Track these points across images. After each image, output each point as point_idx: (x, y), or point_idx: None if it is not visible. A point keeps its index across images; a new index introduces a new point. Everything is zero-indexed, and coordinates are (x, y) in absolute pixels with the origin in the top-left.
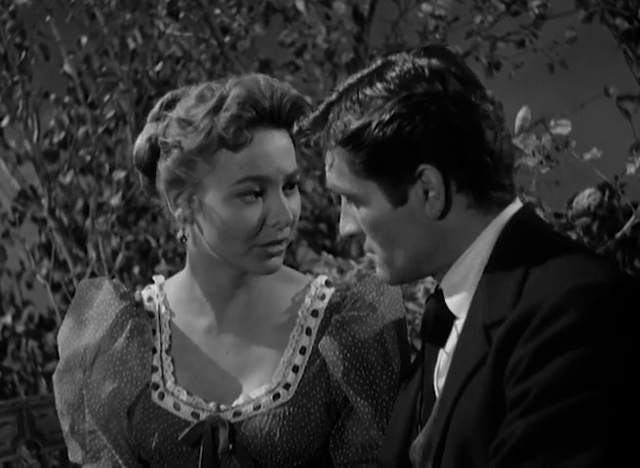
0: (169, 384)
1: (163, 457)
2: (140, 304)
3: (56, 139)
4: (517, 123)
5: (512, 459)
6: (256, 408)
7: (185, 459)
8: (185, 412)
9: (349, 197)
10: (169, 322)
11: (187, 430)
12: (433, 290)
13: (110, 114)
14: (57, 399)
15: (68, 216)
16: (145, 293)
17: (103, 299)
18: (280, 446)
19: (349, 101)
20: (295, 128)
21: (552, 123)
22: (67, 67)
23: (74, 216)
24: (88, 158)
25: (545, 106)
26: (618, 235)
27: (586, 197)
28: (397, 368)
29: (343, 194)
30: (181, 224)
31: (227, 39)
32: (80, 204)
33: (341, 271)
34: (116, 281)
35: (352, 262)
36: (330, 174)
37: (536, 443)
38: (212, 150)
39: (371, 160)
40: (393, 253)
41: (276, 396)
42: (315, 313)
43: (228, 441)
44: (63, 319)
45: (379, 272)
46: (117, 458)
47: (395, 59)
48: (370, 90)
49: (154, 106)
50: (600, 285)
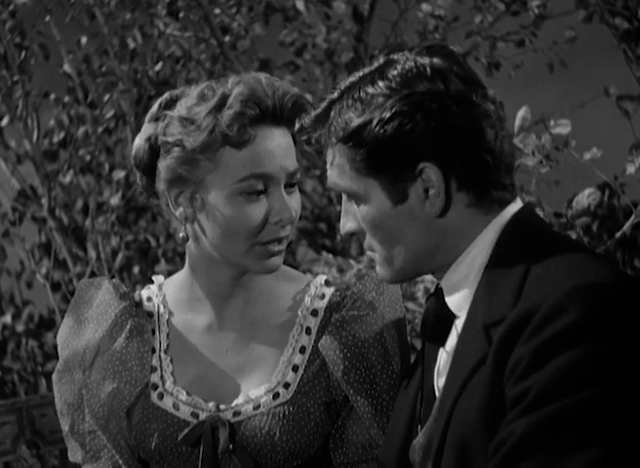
0: (168, 384)
1: (163, 457)
2: (140, 304)
3: (55, 139)
4: (517, 123)
5: (512, 459)
6: (255, 407)
7: (185, 459)
8: (185, 412)
9: (350, 195)
10: (167, 321)
11: (187, 430)
12: (433, 289)
13: (110, 114)
14: (56, 398)
15: (68, 216)
16: (145, 293)
17: (103, 299)
18: (280, 445)
19: (351, 99)
20: (296, 125)
21: (552, 123)
22: (67, 67)
23: (74, 216)
24: (88, 158)
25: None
26: (617, 235)
27: (586, 197)
28: (397, 367)
29: (344, 192)
30: (182, 224)
31: (227, 39)
32: (80, 203)
33: (341, 271)
34: (116, 281)
35: (352, 262)
36: (331, 171)
37: (536, 442)
38: (215, 148)
39: (371, 157)
40: (393, 252)
41: (276, 395)
42: (315, 312)
43: (228, 440)
44: (63, 318)
45: (378, 270)
46: (117, 458)
47: (397, 58)
48: (371, 88)
49: (153, 106)
50: (600, 284)
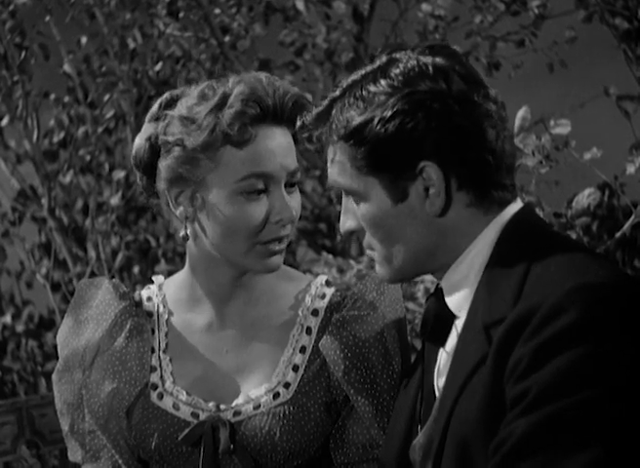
0: (168, 384)
1: (163, 457)
2: (140, 304)
3: (55, 139)
4: (517, 123)
5: (512, 459)
6: (255, 407)
7: (185, 459)
8: (185, 412)
9: (350, 193)
10: (167, 321)
11: (187, 430)
12: (433, 289)
13: (110, 114)
14: (56, 398)
15: (68, 216)
16: (145, 293)
17: (103, 299)
18: (280, 445)
19: (353, 97)
20: (298, 122)
21: (552, 123)
22: (67, 67)
23: (74, 216)
24: (88, 158)
25: (545, 106)
26: (617, 235)
27: (586, 197)
28: (398, 367)
29: (344, 190)
30: (183, 223)
31: (227, 39)
32: (80, 203)
33: (341, 271)
34: (115, 281)
35: (352, 262)
36: (331, 169)
37: (535, 442)
38: (216, 147)
39: (372, 156)
40: (393, 250)
41: (276, 395)
42: (315, 312)
43: (229, 441)
44: (63, 318)
45: (378, 269)
46: (117, 458)
47: (399, 57)
48: (373, 86)
49: (153, 106)
50: (600, 284)
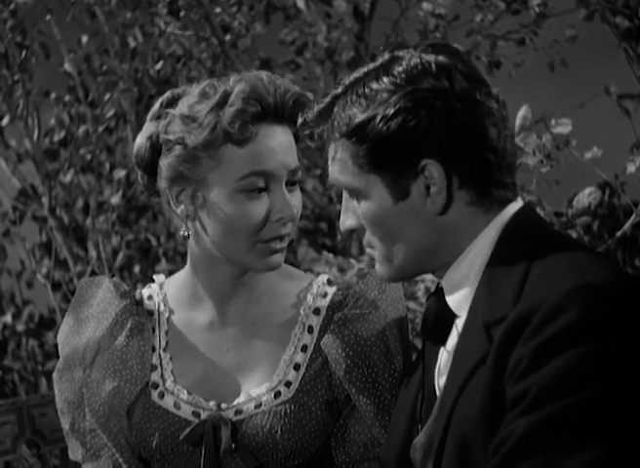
0: (168, 383)
1: (164, 456)
2: (141, 303)
3: (56, 138)
4: (517, 122)
5: (512, 459)
6: (257, 406)
7: (187, 459)
8: (186, 412)
9: (351, 191)
10: (167, 319)
11: (189, 429)
12: (434, 288)
13: (111, 113)
14: (57, 397)
15: (69, 215)
16: (146, 292)
17: (103, 298)
18: (281, 443)
19: (355, 95)
20: (299, 120)
21: (553, 122)
22: (68, 66)
23: (75, 215)
24: (88, 157)
25: (546, 105)
26: (618, 234)
27: (587, 196)
28: (399, 366)
29: (345, 188)
30: (184, 222)
31: (228, 38)
32: (80, 203)
33: (342, 270)
34: (116, 279)
35: (353, 261)
36: (332, 167)
37: (536, 442)
38: (217, 146)
39: (374, 153)
40: (393, 249)
41: (277, 394)
42: (317, 311)
43: (231, 440)
44: (64, 318)
45: (378, 268)
46: (117, 457)
47: (402, 55)
48: (376, 84)
49: (154, 105)
50: (600, 284)
